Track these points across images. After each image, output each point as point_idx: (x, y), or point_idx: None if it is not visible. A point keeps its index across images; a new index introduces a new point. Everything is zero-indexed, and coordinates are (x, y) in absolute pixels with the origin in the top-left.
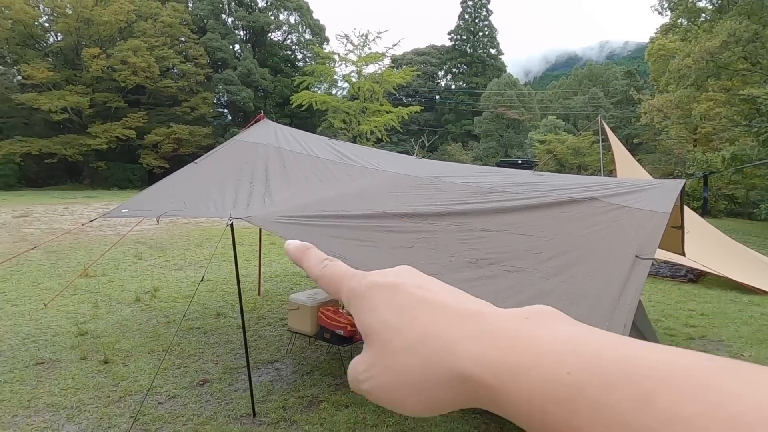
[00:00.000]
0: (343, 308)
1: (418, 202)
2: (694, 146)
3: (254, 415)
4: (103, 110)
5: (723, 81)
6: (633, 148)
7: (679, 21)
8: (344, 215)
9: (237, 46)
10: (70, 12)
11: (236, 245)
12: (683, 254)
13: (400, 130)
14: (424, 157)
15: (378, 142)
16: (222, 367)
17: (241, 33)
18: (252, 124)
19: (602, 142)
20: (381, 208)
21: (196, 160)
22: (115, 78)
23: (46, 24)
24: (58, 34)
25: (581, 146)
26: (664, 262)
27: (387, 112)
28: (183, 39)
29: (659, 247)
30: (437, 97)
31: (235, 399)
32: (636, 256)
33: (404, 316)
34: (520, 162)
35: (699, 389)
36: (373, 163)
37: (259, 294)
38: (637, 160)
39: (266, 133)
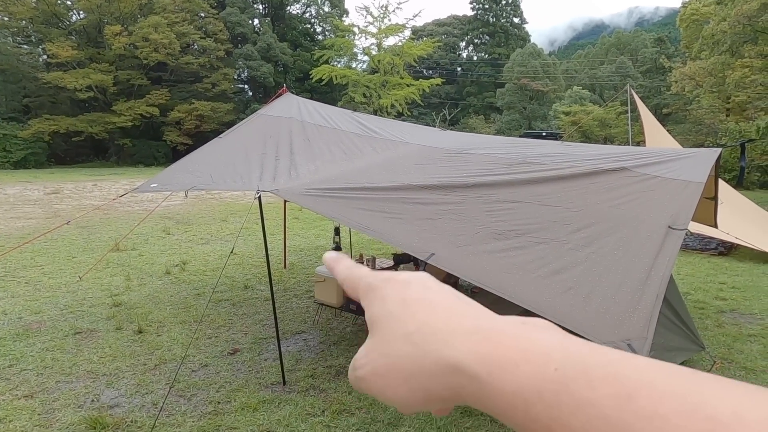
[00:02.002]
0: None
1: (444, 174)
2: (727, 116)
3: (284, 383)
4: (127, 88)
5: (760, 46)
6: (662, 119)
7: None
8: (370, 187)
9: (256, 21)
10: None
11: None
12: (716, 226)
13: (421, 103)
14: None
15: (399, 116)
16: (251, 338)
17: (260, 7)
18: (275, 98)
19: (630, 112)
20: (407, 180)
21: (220, 135)
22: (137, 55)
23: (69, 2)
24: (81, 12)
25: (608, 117)
26: (696, 234)
27: (408, 85)
28: (202, 14)
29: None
30: (459, 69)
31: (265, 368)
32: (669, 227)
33: (408, 308)
34: (544, 134)
35: (679, 390)
36: (398, 135)
37: (285, 267)
38: (667, 131)
39: (289, 106)
